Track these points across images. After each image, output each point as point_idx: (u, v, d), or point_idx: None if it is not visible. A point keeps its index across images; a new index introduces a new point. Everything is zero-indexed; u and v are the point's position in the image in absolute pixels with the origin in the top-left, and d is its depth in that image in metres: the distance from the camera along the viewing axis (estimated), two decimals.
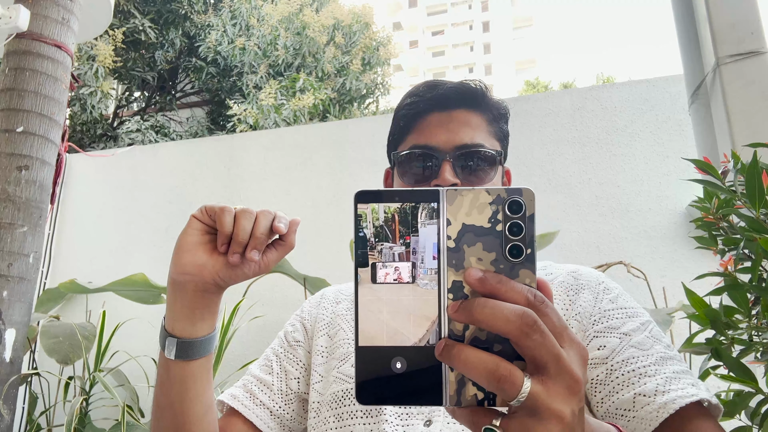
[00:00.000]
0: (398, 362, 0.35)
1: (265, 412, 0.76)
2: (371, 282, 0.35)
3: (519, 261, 0.35)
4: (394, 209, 0.36)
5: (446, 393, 0.35)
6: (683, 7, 1.65)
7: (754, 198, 0.72)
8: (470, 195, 0.35)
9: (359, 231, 0.36)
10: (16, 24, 1.93)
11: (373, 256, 0.36)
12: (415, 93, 0.83)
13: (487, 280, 0.34)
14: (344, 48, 6.53)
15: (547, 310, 0.35)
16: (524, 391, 0.33)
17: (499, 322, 0.33)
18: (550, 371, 0.33)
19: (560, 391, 0.33)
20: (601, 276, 0.80)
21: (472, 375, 0.33)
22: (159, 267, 2.86)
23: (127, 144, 5.80)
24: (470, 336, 0.35)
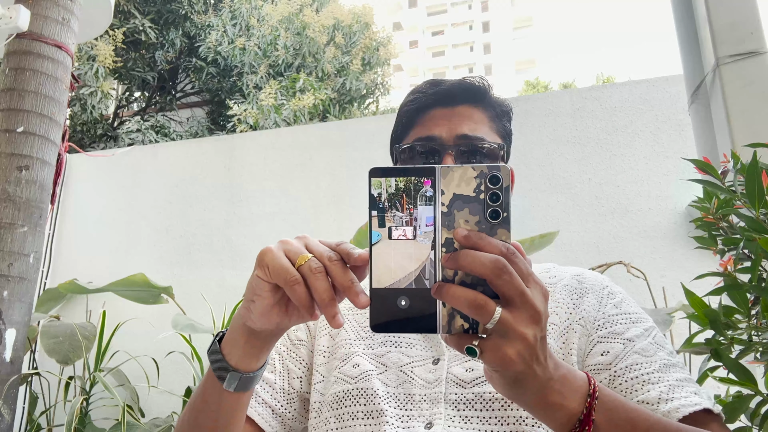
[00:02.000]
0: (403, 300, 0.44)
1: (267, 410, 0.76)
2: (387, 238, 0.45)
3: (497, 222, 0.44)
4: (402, 184, 0.45)
5: (440, 323, 0.45)
6: (683, 7, 1.66)
7: (753, 198, 0.72)
8: (459, 170, 0.44)
9: (378, 201, 0.45)
10: (17, 24, 1.93)
11: (388, 219, 0.45)
12: (418, 90, 0.83)
13: (471, 236, 0.44)
14: (344, 48, 6.53)
15: (515, 259, 0.44)
16: (496, 316, 0.42)
17: (477, 266, 0.43)
18: (517, 303, 0.43)
19: (524, 318, 0.43)
20: (605, 280, 0.80)
21: (458, 305, 0.43)
22: (159, 267, 2.87)
23: (127, 144, 5.80)
24: (458, 280, 0.44)
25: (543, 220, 2.34)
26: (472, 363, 0.71)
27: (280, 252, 0.50)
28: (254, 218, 2.82)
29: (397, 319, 0.45)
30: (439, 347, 0.74)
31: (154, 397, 2.46)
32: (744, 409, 0.73)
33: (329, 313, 0.47)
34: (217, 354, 0.57)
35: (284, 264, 0.49)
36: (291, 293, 0.48)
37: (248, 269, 2.79)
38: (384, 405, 0.69)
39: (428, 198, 0.45)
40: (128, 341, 2.51)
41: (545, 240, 1.90)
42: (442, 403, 0.68)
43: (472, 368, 0.70)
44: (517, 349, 0.43)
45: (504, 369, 0.44)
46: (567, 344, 0.72)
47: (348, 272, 0.48)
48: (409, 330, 0.45)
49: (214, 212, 2.90)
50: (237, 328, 0.56)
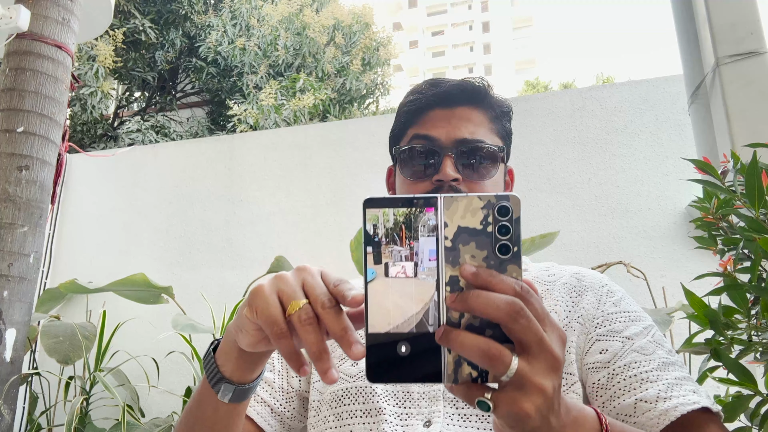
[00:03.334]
0: (403, 346, 0.40)
1: (266, 409, 0.76)
2: (384, 276, 0.41)
3: (507, 257, 0.40)
4: (400, 215, 0.41)
5: (445, 372, 0.40)
6: (683, 8, 1.66)
7: (753, 198, 0.72)
8: (464, 201, 0.40)
9: (374, 235, 0.41)
10: (17, 24, 1.93)
11: (385, 255, 0.41)
12: (418, 90, 0.83)
13: (480, 274, 0.39)
14: (344, 48, 6.53)
15: (531, 299, 0.40)
16: (512, 368, 0.38)
17: (490, 310, 0.38)
18: (534, 351, 0.39)
19: (543, 368, 0.39)
20: (604, 279, 0.80)
21: (468, 355, 0.39)
22: (159, 267, 2.87)
23: (127, 144, 5.80)
24: (465, 323, 0.40)
25: (543, 220, 2.34)
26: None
27: (272, 295, 0.46)
28: (254, 218, 2.82)
29: (396, 368, 0.40)
30: None
31: (154, 397, 2.47)
32: (743, 409, 0.73)
33: (320, 369, 0.43)
34: (212, 364, 0.56)
35: (272, 314, 0.45)
36: (277, 346, 0.45)
37: (248, 269, 2.80)
38: (383, 403, 0.69)
39: (430, 230, 0.40)
40: (128, 341, 2.51)
41: (545, 240, 1.90)
42: (440, 400, 0.68)
43: None
44: (535, 402, 0.39)
45: (520, 425, 0.40)
46: (566, 343, 0.72)
47: (342, 319, 0.43)
48: (410, 379, 0.40)
49: (214, 212, 2.90)
50: (229, 343, 0.54)
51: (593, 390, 0.70)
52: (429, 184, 0.77)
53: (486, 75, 41.68)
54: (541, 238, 1.89)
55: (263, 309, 0.46)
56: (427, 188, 0.77)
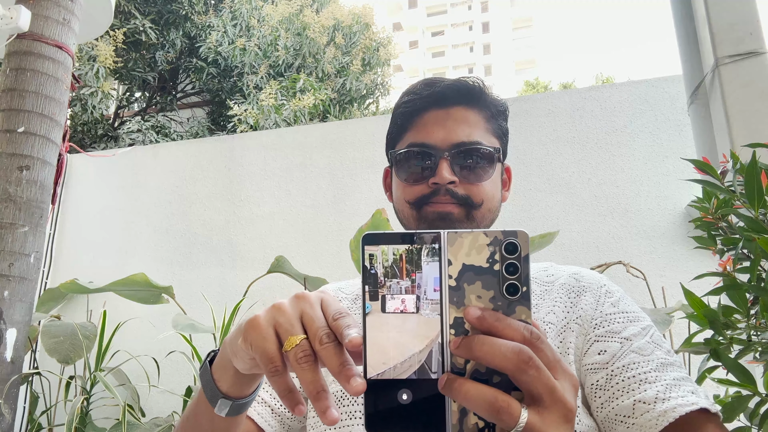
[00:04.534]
0: (404, 393, 0.37)
1: (266, 409, 0.76)
2: (381, 312, 0.38)
3: (515, 298, 0.38)
4: (401, 251, 0.38)
5: (449, 422, 0.37)
6: (682, 8, 1.66)
7: (753, 198, 0.72)
8: (470, 237, 0.38)
9: (371, 269, 0.38)
10: (17, 24, 1.93)
11: (382, 291, 0.38)
12: (413, 91, 0.82)
13: (486, 318, 0.37)
14: (344, 49, 6.53)
15: (542, 346, 0.37)
16: (522, 421, 0.35)
17: (497, 359, 0.36)
18: (546, 402, 0.36)
19: (555, 420, 0.36)
20: (602, 279, 0.80)
21: (473, 407, 0.36)
22: (160, 267, 2.87)
23: (127, 144, 5.80)
24: (471, 369, 0.37)
25: (543, 220, 2.34)
26: None
27: (269, 328, 0.44)
28: (254, 218, 2.82)
29: (396, 416, 0.37)
30: None
31: (154, 397, 2.47)
32: (743, 409, 0.73)
33: (319, 408, 0.40)
34: (208, 377, 0.54)
35: (268, 349, 0.43)
36: (271, 383, 0.43)
37: (248, 269, 2.80)
38: None
39: (433, 264, 0.38)
40: (129, 341, 2.51)
41: (545, 240, 1.90)
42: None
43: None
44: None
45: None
46: (564, 343, 0.72)
47: (341, 353, 0.41)
48: (411, 429, 0.37)
49: (215, 212, 2.90)
50: (226, 359, 0.52)
51: (592, 391, 0.70)
52: (425, 187, 0.77)
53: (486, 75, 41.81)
54: (540, 238, 1.89)
55: (258, 343, 0.44)
56: (424, 191, 0.77)
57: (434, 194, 0.76)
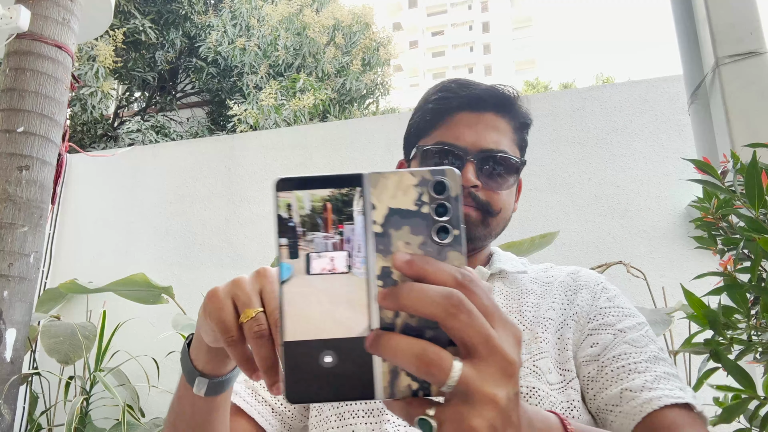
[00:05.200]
0: (327, 356, 0.33)
1: (266, 408, 0.76)
2: (305, 273, 0.34)
3: (447, 243, 0.34)
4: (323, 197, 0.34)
5: (379, 385, 0.33)
6: (683, 8, 1.66)
7: (753, 198, 0.72)
8: (394, 177, 0.34)
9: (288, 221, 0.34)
10: (17, 24, 1.93)
11: (304, 246, 0.34)
12: (447, 89, 0.82)
13: (415, 262, 0.33)
14: (344, 48, 6.53)
15: (476, 290, 0.33)
16: (454, 374, 0.31)
17: (425, 305, 0.32)
18: (481, 353, 0.32)
19: (492, 373, 0.32)
20: (600, 277, 0.81)
21: (401, 362, 0.32)
22: (159, 267, 2.87)
23: (127, 144, 5.80)
24: (401, 324, 0.33)
25: (543, 220, 2.34)
26: None
27: (227, 299, 0.45)
28: (254, 218, 2.82)
29: (319, 383, 0.33)
30: None
31: (154, 397, 2.47)
32: (742, 411, 0.73)
33: (267, 381, 0.41)
34: (186, 358, 0.55)
35: (224, 319, 0.44)
36: (228, 352, 0.44)
37: (248, 269, 2.78)
38: None
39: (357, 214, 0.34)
40: (128, 341, 2.51)
41: (545, 240, 1.90)
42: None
43: None
44: (486, 417, 0.32)
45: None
46: (562, 339, 0.73)
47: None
48: (337, 397, 0.33)
49: (214, 212, 2.90)
50: (198, 337, 0.53)
51: (585, 383, 0.70)
52: None
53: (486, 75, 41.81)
54: (540, 238, 1.89)
55: (216, 314, 0.44)
56: None
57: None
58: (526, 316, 0.76)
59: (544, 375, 0.69)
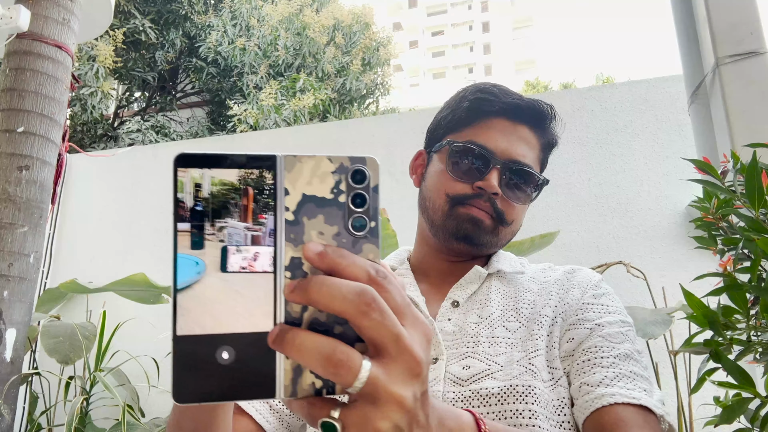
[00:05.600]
0: (224, 352, 0.30)
1: (264, 406, 0.76)
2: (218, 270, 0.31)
3: (362, 235, 0.32)
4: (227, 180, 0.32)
5: (280, 383, 0.31)
6: (683, 7, 1.66)
7: (753, 198, 0.72)
8: (311, 162, 0.32)
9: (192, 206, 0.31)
10: (17, 24, 1.93)
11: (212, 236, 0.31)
12: (488, 91, 0.82)
13: (327, 254, 0.31)
14: (344, 48, 6.53)
15: (389, 287, 0.32)
16: (362, 375, 0.30)
17: (336, 302, 0.30)
18: (391, 352, 0.31)
19: (400, 373, 0.31)
20: (596, 277, 0.80)
21: (308, 362, 0.30)
22: (159, 267, 2.87)
23: (127, 144, 5.81)
24: (309, 319, 0.31)
25: (543, 220, 2.34)
26: (468, 360, 0.71)
27: None
28: None
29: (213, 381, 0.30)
30: (438, 346, 0.74)
31: (154, 397, 2.47)
32: (743, 411, 0.73)
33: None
34: None
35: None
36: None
37: None
38: None
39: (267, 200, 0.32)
40: (128, 341, 2.51)
41: (545, 240, 1.90)
42: (440, 401, 0.68)
43: (469, 366, 0.71)
44: (391, 419, 0.31)
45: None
46: (551, 337, 0.73)
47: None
48: (233, 396, 0.30)
49: None
50: None
51: (567, 379, 0.69)
52: (469, 188, 0.78)
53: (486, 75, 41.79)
54: (540, 238, 1.89)
55: None
56: (466, 190, 0.78)
57: (475, 197, 0.77)
58: (522, 314, 0.75)
59: (540, 373, 0.68)
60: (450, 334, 0.75)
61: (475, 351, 0.72)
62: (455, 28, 44.09)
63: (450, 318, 0.77)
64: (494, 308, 0.76)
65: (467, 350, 0.72)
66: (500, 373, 0.69)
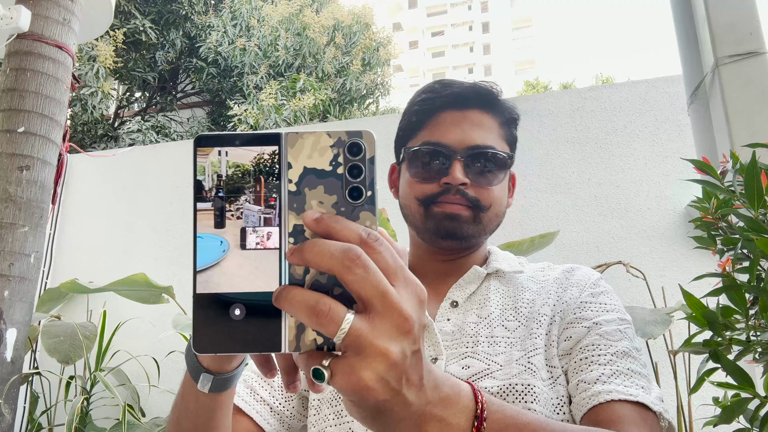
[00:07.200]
0: (237, 309, 0.34)
1: (265, 408, 0.76)
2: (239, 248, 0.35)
3: (359, 203, 0.35)
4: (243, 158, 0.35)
5: (285, 339, 0.34)
6: (682, 8, 1.66)
7: (752, 198, 0.72)
8: (311, 138, 0.35)
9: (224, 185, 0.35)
10: (17, 24, 1.93)
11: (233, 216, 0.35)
12: (430, 90, 0.83)
13: (323, 219, 0.34)
14: (344, 49, 6.53)
15: (380, 248, 0.34)
16: (344, 327, 0.32)
17: (323, 259, 0.33)
18: (376, 308, 0.33)
19: (387, 328, 0.33)
20: (594, 276, 0.80)
21: (296, 314, 0.33)
22: (160, 267, 2.87)
23: (128, 144, 5.81)
24: (310, 281, 0.34)
25: (543, 220, 2.34)
26: (468, 360, 0.71)
27: None
28: None
29: (227, 335, 0.34)
30: (437, 346, 0.74)
31: (154, 397, 2.47)
32: (742, 411, 0.73)
33: (285, 380, 0.42)
34: (190, 354, 0.55)
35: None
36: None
37: None
38: None
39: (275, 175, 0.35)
40: (129, 341, 2.51)
41: (545, 240, 1.90)
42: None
43: (468, 365, 0.71)
44: (375, 370, 0.32)
45: (360, 399, 0.33)
46: (549, 336, 0.73)
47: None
48: (244, 349, 0.34)
49: None
50: None
51: (565, 377, 0.70)
52: (436, 186, 0.78)
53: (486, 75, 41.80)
54: (540, 238, 1.89)
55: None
56: (434, 190, 0.78)
57: (444, 193, 0.77)
58: (521, 313, 0.76)
59: (539, 371, 0.69)
60: (449, 334, 0.75)
61: (475, 351, 0.72)
62: (455, 28, 44.08)
63: (449, 318, 0.77)
64: (493, 308, 0.77)
65: (467, 350, 0.72)
66: (499, 372, 0.69)
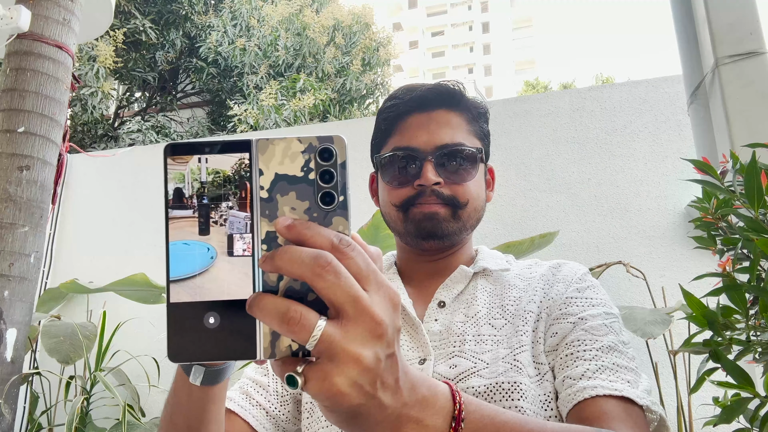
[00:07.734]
0: (211, 317, 0.34)
1: (261, 412, 0.76)
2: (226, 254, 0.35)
3: (331, 208, 0.35)
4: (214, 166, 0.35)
5: (260, 346, 0.34)
6: (682, 8, 1.66)
7: (752, 198, 0.72)
8: (282, 144, 0.35)
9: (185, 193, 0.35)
10: (17, 24, 1.94)
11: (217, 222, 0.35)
12: (394, 96, 0.84)
13: (295, 226, 0.34)
14: (344, 49, 6.53)
15: (351, 253, 0.34)
16: (315, 333, 0.32)
17: (295, 266, 0.32)
18: (348, 313, 0.33)
19: (359, 333, 0.33)
20: (580, 270, 0.80)
21: (268, 322, 0.33)
22: (160, 267, 2.86)
23: (128, 144, 5.81)
24: (284, 288, 0.34)
25: (543, 220, 2.34)
26: (455, 359, 0.71)
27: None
28: None
29: (202, 343, 0.34)
30: (425, 347, 0.74)
31: (154, 397, 2.47)
32: (742, 411, 0.73)
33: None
34: None
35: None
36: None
37: None
38: None
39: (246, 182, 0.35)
40: (129, 341, 2.51)
41: (545, 240, 1.90)
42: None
43: (456, 365, 0.71)
44: (348, 376, 0.32)
45: (334, 404, 0.33)
46: (536, 333, 0.73)
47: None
48: (220, 356, 0.34)
49: None
50: None
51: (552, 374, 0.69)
52: (411, 189, 0.78)
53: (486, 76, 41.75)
54: (540, 238, 1.89)
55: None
56: (409, 193, 0.79)
57: (420, 195, 0.78)
58: (508, 310, 0.75)
59: (525, 368, 0.68)
60: (437, 335, 0.75)
61: (462, 350, 0.72)
62: (455, 28, 44.08)
63: (437, 318, 0.77)
64: (480, 306, 0.77)
65: (454, 349, 0.72)
66: (486, 370, 0.69)
